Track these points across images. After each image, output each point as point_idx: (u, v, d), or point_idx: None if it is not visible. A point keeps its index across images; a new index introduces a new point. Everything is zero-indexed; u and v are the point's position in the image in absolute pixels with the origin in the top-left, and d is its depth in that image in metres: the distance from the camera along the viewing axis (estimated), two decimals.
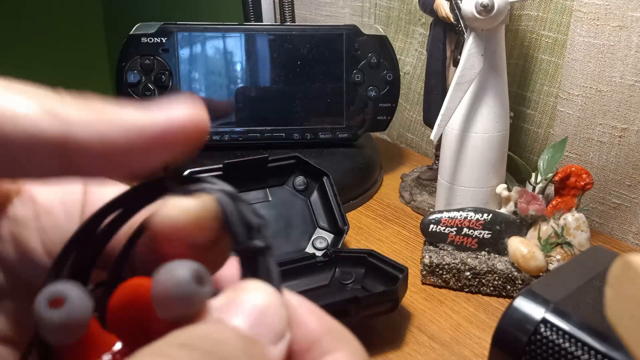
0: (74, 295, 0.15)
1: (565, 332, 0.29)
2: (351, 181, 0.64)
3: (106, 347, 0.16)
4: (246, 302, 0.15)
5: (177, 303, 0.14)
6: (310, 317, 0.16)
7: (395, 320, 0.45)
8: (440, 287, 0.49)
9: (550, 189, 0.50)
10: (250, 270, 0.16)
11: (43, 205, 0.19)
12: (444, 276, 0.49)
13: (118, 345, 0.16)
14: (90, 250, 0.18)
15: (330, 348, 0.16)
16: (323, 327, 0.16)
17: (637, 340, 0.23)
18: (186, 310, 0.14)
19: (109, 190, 0.19)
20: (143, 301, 0.15)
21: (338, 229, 0.52)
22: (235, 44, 0.63)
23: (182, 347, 0.13)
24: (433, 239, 0.51)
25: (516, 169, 0.54)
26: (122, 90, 0.62)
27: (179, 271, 0.14)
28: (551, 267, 0.46)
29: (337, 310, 0.37)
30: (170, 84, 0.63)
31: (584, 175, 0.48)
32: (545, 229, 0.48)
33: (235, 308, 0.14)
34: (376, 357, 0.41)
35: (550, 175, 0.50)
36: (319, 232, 0.53)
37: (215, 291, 0.15)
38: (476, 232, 0.49)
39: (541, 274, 0.46)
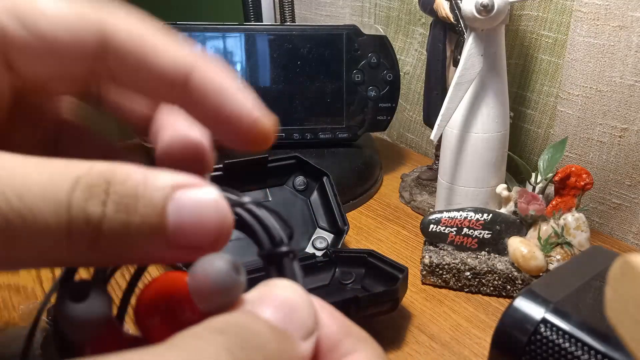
0: (97, 293, 0.15)
1: (565, 332, 0.29)
2: (351, 181, 0.64)
3: (121, 346, 0.16)
4: (278, 297, 0.15)
5: (218, 292, 0.14)
6: (332, 319, 0.17)
7: (395, 320, 0.45)
8: (440, 287, 0.49)
9: (550, 189, 0.50)
10: (277, 272, 0.16)
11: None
12: (444, 276, 0.49)
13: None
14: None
15: (351, 349, 0.16)
16: (344, 330, 0.17)
17: (636, 340, 0.23)
18: (225, 299, 0.15)
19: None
20: (175, 294, 0.16)
21: (338, 229, 0.52)
22: (235, 44, 0.63)
23: (219, 332, 0.13)
24: (433, 239, 0.51)
25: (516, 169, 0.54)
26: None
27: (218, 262, 0.15)
28: (551, 267, 0.46)
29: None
30: None
31: (584, 175, 0.48)
32: (545, 229, 0.48)
33: (268, 301, 0.15)
34: None
35: (550, 175, 0.50)
36: (319, 232, 0.53)
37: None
38: (476, 232, 0.49)
39: (541, 274, 0.46)
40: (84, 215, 0.14)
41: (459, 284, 0.49)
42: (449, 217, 0.50)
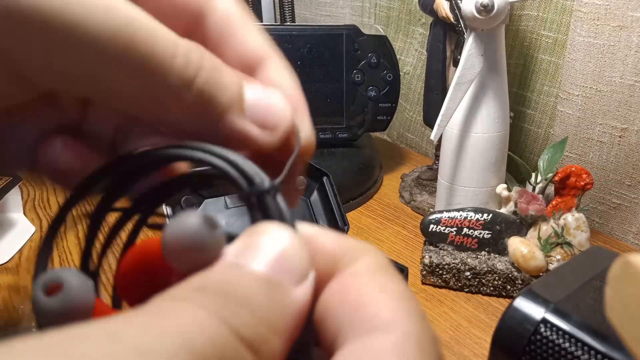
0: (73, 280, 0.14)
1: (565, 332, 0.29)
2: (351, 181, 0.64)
3: None
4: (264, 246, 0.14)
5: (190, 249, 0.13)
6: (327, 239, 0.16)
7: None
8: (440, 287, 0.49)
9: (550, 189, 0.50)
10: (261, 213, 0.15)
11: None
12: (444, 276, 0.49)
13: None
14: (93, 234, 0.17)
15: (352, 261, 0.15)
16: (341, 246, 0.16)
17: (637, 340, 0.23)
18: (200, 256, 0.14)
19: None
20: (154, 259, 0.15)
21: (338, 229, 0.52)
22: None
23: (197, 290, 0.12)
24: (433, 239, 0.51)
25: (516, 169, 0.54)
26: None
27: (188, 217, 0.14)
28: (551, 267, 0.46)
29: None
30: None
31: (584, 175, 0.48)
32: (545, 229, 0.48)
33: (253, 252, 0.14)
34: None
35: (550, 175, 0.50)
36: None
37: (231, 238, 0.14)
38: (476, 232, 0.49)
39: (541, 274, 0.46)
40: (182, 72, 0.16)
41: (459, 284, 0.49)
42: (449, 217, 0.50)
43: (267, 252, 0.14)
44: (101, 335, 0.11)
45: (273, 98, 0.18)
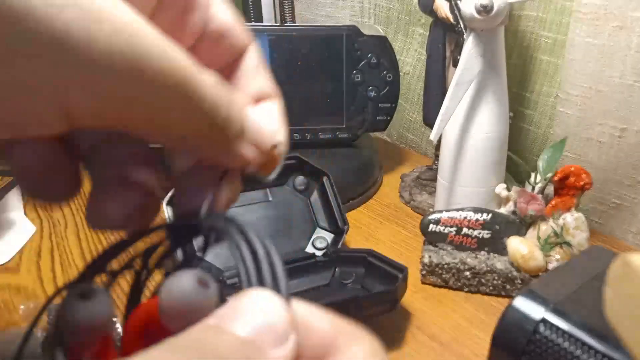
0: (101, 295, 0.15)
1: (564, 332, 0.29)
2: (351, 181, 0.64)
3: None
4: (246, 308, 0.14)
5: (183, 312, 0.14)
6: (322, 321, 0.16)
7: (394, 320, 0.45)
8: (440, 286, 0.50)
9: (550, 189, 0.51)
10: (256, 276, 0.15)
11: None
12: (444, 276, 0.49)
13: None
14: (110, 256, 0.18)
15: (346, 346, 0.16)
16: (337, 328, 0.16)
17: (636, 339, 0.23)
18: (193, 317, 0.14)
19: None
20: (154, 319, 0.15)
21: (338, 229, 0.52)
22: None
23: (175, 349, 0.12)
24: (433, 239, 0.51)
25: (516, 169, 0.54)
26: None
27: (182, 278, 0.14)
28: (550, 266, 0.47)
29: (336, 310, 0.37)
30: None
31: (583, 175, 0.48)
32: (545, 228, 0.48)
33: (235, 314, 0.14)
34: None
35: (550, 175, 0.50)
36: (319, 232, 0.53)
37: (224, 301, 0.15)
38: (476, 232, 0.49)
39: (540, 273, 0.46)
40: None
41: (459, 284, 0.49)
42: (448, 216, 0.50)
43: (248, 315, 0.14)
44: None
45: (268, 120, 0.21)
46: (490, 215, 0.50)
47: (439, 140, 0.56)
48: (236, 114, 0.18)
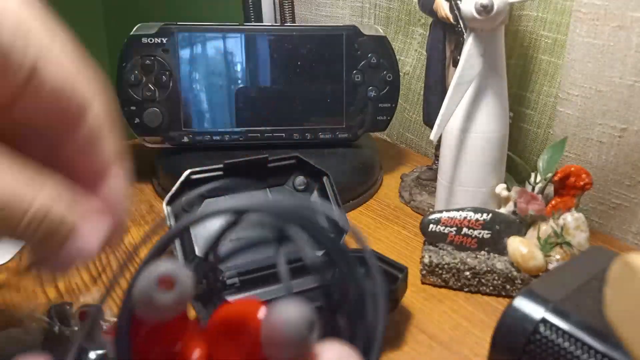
0: (184, 275, 0.15)
1: (564, 332, 0.29)
2: (351, 181, 0.64)
3: (186, 334, 0.17)
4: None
5: (288, 349, 0.14)
6: None
7: (394, 320, 0.45)
8: (440, 286, 0.50)
9: (550, 189, 0.51)
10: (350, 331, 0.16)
11: None
12: (444, 276, 0.49)
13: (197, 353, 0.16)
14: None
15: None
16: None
17: (636, 339, 0.23)
18: (293, 356, 0.14)
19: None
20: (247, 325, 0.16)
21: (338, 229, 0.52)
22: (235, 45, 0.63)
23: None
24: (433, 239, 0.51)
25: (516, 169, 0.54)
26: (123, 90, 0.62)
27: (295, 316, 0.14)
28: (550, 267, 0.47)
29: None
30: (171, 84, 0.63)
31: (584, 175, 0.48)
32: (545, 228, 0.48)
33: None
34: None
35: (550, 175, 0.50)
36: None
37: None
38: (476, 232, 0.49)
39: (540, 273, 0.46)
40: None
41: (459, 284, 0.49)
42: (448, 216, 0.50)
43: None
44: None
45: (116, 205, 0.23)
46: (490, 215, 0.50)
47: (439, 140, 0.56)
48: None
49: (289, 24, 0.75)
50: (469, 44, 0.49)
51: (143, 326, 0.16)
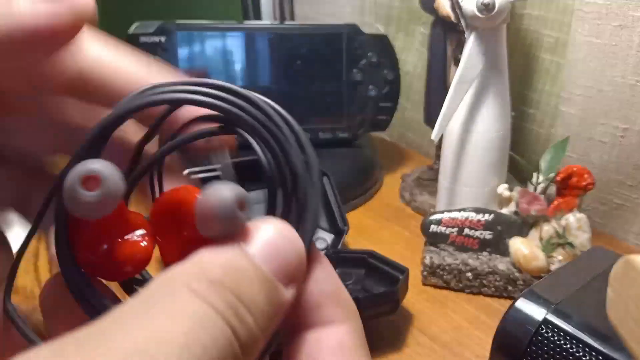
0: (110, 174, 0.15)
1: (566, 333, 0.29)
2: (351, 181, 0.63)
3: (129, 228, 0.17)
4: (266, 235, 0.15)
5: (218, 223, 0.14)
6: (326, 278, 0.16)
7: (395, 322, 0.45)
8: (441, 288, 0.49)
9: (552, 189, 0.50)
10: (298, 207, 0.17)
11: None
12: (445, 277, 0.49)
13: (140, 231, 0.17)
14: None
15: (335, 318, 0.16)
16: (334, 294, 0.16)
17: (638, 340, 0.23)
18: (223, 231, 0.15)
19: None
20: (185, 207, 0.16)
21: (338, 229, 0.52)
22: (234, 43, 0.63)
23: (201, 279, 0.13)
24: (434, 240, 0.50)
25: (517, 168, 0.53)
26: None
27: (225, 193, 0.15)
28: (553, 267, 0.46)
29: None
30: None
31: (586, 175, 0.48)
32: (547, 229, 0.48)
33: (256, 240, 0.15)
34: (377, 358, 0.41)
35: (552, 175, 0.49)
36: (319, 233, 0.53)
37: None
38: (477, 233, 0.49)
39: (542, 274, 0.46)
40: None
41: (460, 285, 0.49)
42: (449, 217, 0.50)
43: (269, 244, 0.15)
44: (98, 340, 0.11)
45: None
46: (492, 215, 0.49)
47: (440, 140, 0.55)
48: None
49: (288, 23, 0.75)
50: (471, 43, 0.48)
51: (81, 223, 0.17)
